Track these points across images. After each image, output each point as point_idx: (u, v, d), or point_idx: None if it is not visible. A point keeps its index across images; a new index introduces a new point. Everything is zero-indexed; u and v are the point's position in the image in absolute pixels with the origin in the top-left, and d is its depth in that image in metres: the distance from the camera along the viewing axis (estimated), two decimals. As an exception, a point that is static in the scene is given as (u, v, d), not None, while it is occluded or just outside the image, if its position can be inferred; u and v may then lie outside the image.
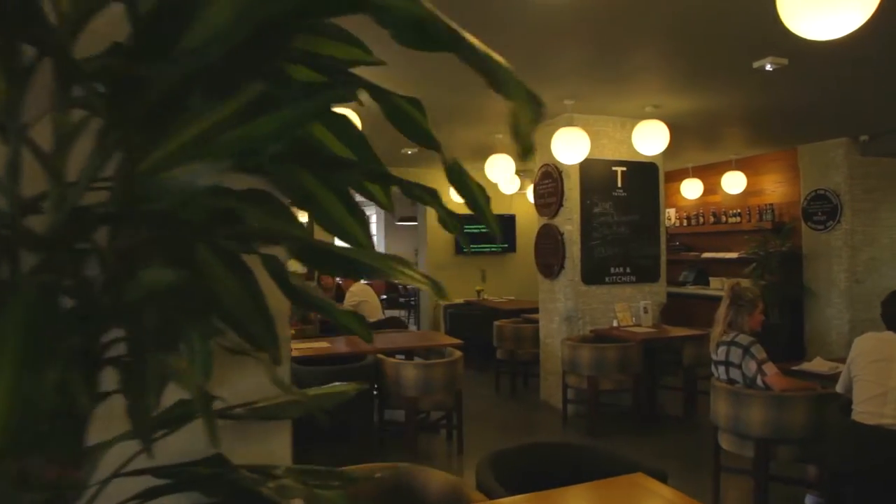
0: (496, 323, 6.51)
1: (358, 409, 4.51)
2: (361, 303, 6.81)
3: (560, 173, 5.60)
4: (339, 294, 7.33)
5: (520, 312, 7.21)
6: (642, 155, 5.61)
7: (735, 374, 3.32)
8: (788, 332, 6.89)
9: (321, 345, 5.02)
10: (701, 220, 8.79)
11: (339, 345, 5.04)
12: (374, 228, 16.00)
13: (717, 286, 8.14)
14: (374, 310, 6.91)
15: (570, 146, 4.88)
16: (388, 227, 16.38)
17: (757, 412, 3.18)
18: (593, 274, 5.60)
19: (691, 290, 8.28)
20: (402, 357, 5.21)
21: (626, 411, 5.29)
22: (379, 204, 0.85)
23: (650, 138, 5.03)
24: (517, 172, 6.90)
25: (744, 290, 3.43)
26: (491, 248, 9.33)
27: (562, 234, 5.60)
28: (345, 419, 4.39)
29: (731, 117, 5.83)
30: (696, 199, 8.47)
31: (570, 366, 5.07)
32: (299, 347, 4.87)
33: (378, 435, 4.79)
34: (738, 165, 7.79)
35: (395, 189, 0.80)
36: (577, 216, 5.56)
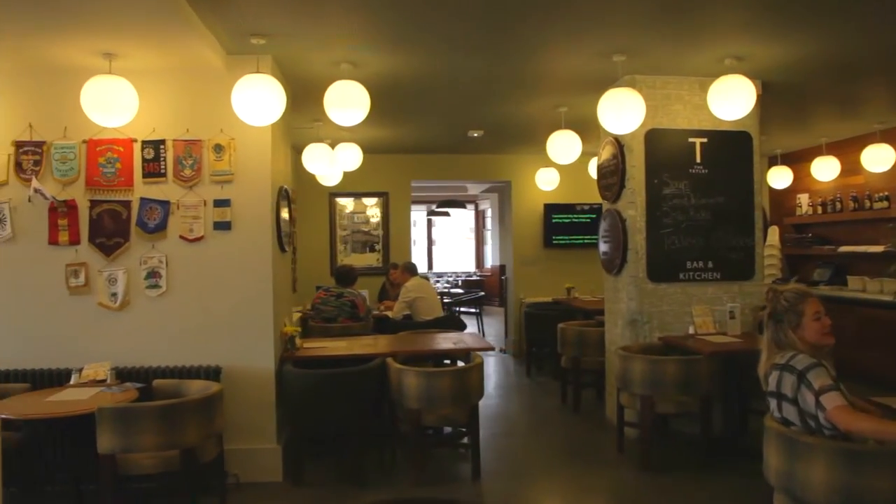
0: (559, 325, 5.68)
1: (363, 420, 3.98)
2: (417, 299, 6.30)
3: (621, 147, 4.66)
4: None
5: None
6: (729, 122, 4.51)
7: (789, 411, 2.33)
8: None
9: (336, 344, 4.57)
10: (838, 206, 7.19)
11: (359, 345, 4.55)
12: (488, 222, 15.42)
13: (857, 286, 6.59)
14: (430, 307, 6.35)
15: (618, 111, 3.96)
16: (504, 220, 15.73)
17: (818, 470, 2.19)
18: (663, 269, 4.60)
19: (825, 290, 6.77)
20: (431, 363, 4.62)
21: (699, 440, 4.26)
22: None
23: (730, 98, 3.95)
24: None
25: (779, 294, 2.43)
26: (584, 239, 8.38)
27: (623, 221, 4.66)
28: (347, 429, 3.89)
29: (870, 68, 4.47)
30: (832, 182, 6.93)
31: (622, 381, 4.16)
32: (310, 347, 4.45)
33: (389, 447, 4.23)
34: (884, 137, 6.20)
35: None
36: (641, 199, 4.59)
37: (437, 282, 11.78)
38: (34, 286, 3.90)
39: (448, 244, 18.92)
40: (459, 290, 11.66)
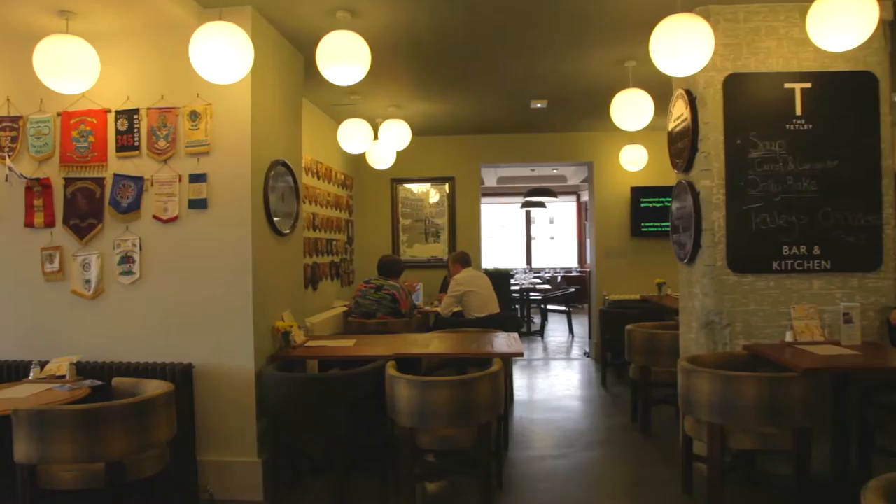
0: (627, 327, 4.68)
1: (354, 433, 3.32)
2: (467, 293, 5.56)
3: (692, 100, 3.63)
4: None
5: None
6: (843, 61, 3.35)
7: None
8: None
9: (342, 343, 3.94)
10: None
11: (371, 344, 3.90)
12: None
13: None
14: (483, 302, 5.57)
15: (675, 47, 2.97)
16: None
17: None
18: (749, 256, 3.51)
19: None
20: (453, 370, 3.88)
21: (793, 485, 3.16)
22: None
23: (839, 20, 2.84)
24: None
25: None
26: (680, 228, 7.17)
27: (696, 195, 3.62)
28: (336, 444, 3.25)
29: None
30: None
31: (686, 403, 3.16)
32: (312, 345, 3.86)
33: (392, 467, 3.52)
34: None
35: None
36: (719, 165, 3.53)
37: (522, 277, 10.88)
38: (9, 272, 3.62)
39: (550, 238, 17.99)
40: (547, 287, 10.68)
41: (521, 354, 3.61)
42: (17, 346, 3.55)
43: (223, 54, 3.00)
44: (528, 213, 15.38)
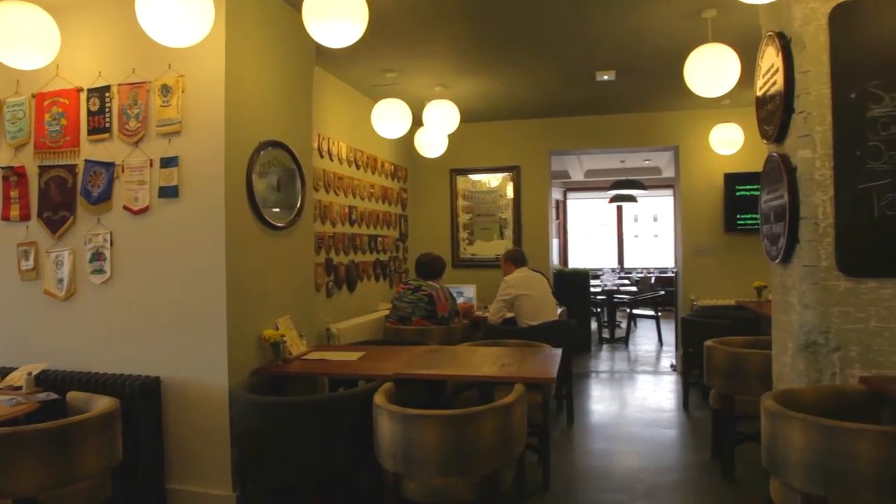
0: (706, 344, 3.76)
1: (337, 468, 2.71)
2: (519, 297, 4.82)
3: (785, 44, 2.69)
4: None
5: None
6: None
7: None
8: None
9: (345, 356, 3.34)
10: None
11: (375, 359, 3.29)
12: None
13: None
14: (537, 307, 4.81)
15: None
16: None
17: None
18: (869, 254, 2.54)
19: None
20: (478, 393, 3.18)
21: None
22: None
23: None
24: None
25: None
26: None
27: (791, 170, 2.69)
28: (316, 481, 2.67)
29: None
30: None
31: (770, 459, 2.27)
32: (310, 360, 3.29)
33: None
34: None
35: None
36: (823, 129, 2.58)
37: (607, 278, 9.86)
38: (-14, 270, 3.32)
39: (654, 236, 16.81)
40: (633, 289, 9.62)
41: (549, 380, 2.84)
42: (-10, 351, 3.24)
43: (174, 7, 2.47)
44: (618, 208, 14.23)
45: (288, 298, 3.45)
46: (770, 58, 2.85)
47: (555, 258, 12.39)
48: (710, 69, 3.57)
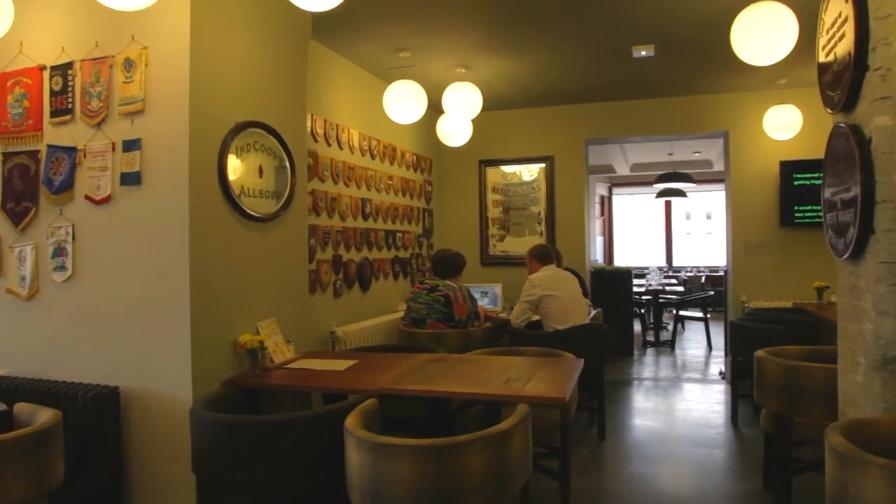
0: (756, 355, 3.20)
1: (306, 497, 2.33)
2: (544, 298, 4.35)
3: (857, -14, 2.15)
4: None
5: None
6: None
7: None
8: None
9: (332, 364, 2.95)
10: None
11: (366, 369, 2.89)
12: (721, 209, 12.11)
13: None
14: (565, 310, 4.33)
15: None
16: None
17: None
18: (969, 248, 1.98)
19: None
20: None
21: None
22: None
23: None
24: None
25: None
26: (854, 215, 5.34)
27: (864, 144, 2.16)
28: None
29: None
30: None
31: (836, 507, 1.75)
32: (293, 369, 2.92)
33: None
34: None
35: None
36: (908, 91, 2.04)
37: (653, 277, 9.20)
38: (-49, 266, 3.07)
39: (707, 234, 16.04)
40: (680, 289, 8.96)
41: (558, 401, 2.36)
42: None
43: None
44: (667, 204, 13.47)
45: (274, 299, 3.09)
46: (837, 6, 2.31)
47: (599, 256, 11.77)
48: (762, 32, 3.03)
